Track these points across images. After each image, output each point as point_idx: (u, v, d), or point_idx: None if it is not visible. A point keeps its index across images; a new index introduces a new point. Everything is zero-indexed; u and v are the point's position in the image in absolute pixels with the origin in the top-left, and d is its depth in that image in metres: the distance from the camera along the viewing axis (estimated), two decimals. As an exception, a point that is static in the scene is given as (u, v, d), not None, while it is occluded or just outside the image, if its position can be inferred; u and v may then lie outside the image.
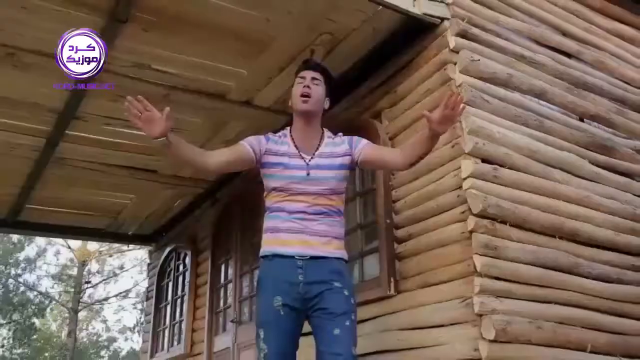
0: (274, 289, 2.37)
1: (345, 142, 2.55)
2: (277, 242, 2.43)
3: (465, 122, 2.86)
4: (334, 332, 2.28)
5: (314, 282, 2.36)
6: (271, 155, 2.48)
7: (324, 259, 2.41)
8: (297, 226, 2.41)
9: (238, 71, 3.65)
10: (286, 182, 2.45)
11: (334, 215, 2.48)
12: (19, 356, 22.29)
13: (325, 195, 2.46)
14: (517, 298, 2.69)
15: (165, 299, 6.45)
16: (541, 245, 2.88)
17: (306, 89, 2.47)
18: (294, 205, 2.43)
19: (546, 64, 3.41)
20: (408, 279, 3.06)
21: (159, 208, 6.10)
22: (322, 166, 2.47)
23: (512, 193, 2.87)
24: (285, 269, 2.38)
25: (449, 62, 3.03)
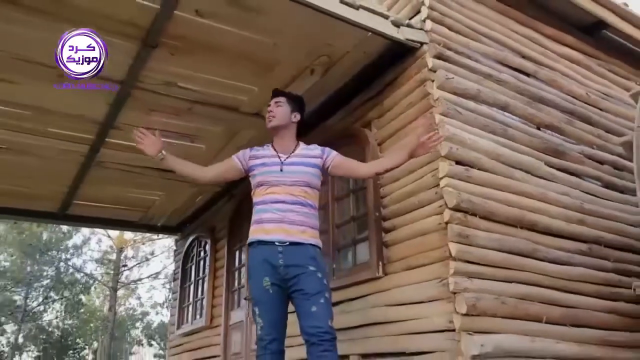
0: (262, 271, 2.40)
1: (318, 149, 2.65)
2: (260, 231, 2.46)
3: (442, 130, 2.82)
4: (311, 309, 2.32)
5: (292, 265, 2.38)
6: (254, 159, 2.60)
7: (301, 245, 2.42)
8: (277, 216, 2.44)
9: (250, 88, 3.60)
10: (265, 176, 2.52)
11: (309, 207, 2.50)
12: (69, 326, 22.36)
13: (300, 186, 2.49)
14: (485, 278, 2.67)
15: (189, 280, 6.39)
16: (505, 234, 2.85)
17: (270, 113, 2.62)
18: (274, 197, 2.47)
19: (509, 82, 3.37)
20: (394, 263, 3.02)
21: (183, 203, 6.04)
22: (295, 163, 2.54)
23: (481, 190, 2.85)
24: (268, 254, 2.41)
25: (427, 80, 3.00)
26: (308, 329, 2.30)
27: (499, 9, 3.64)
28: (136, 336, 25.30)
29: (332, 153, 2.62)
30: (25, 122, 3.88)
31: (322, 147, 2.66)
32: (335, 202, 3.68)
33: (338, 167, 2.61)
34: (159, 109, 3.78)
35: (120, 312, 23.20)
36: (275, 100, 2.65)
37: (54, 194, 5.32)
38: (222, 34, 3.03)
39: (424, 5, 3.18)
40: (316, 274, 2.38)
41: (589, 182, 3.55)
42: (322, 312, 2.31)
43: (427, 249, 2.78)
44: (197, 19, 2.89)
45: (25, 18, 2.78)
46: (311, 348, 2.29)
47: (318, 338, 2.27)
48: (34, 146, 4.23)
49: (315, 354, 2.27)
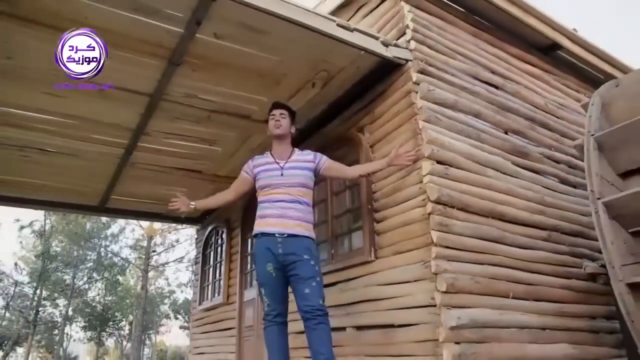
0: (265, 258, 2.43)
1: (311, 155, 2.68)
2: (264, 224, 2.49)
3: (425, 135, 2.77)
4: (305, 290, 2.35)
5: (289, 253, 2.41)
6: (258, 167, 2.63)
7: (297, 236, 2.44)
8: (278, 212, 2.47)
9: (259, 99, 3.53)
10: (268, 180, 2.55)
11: (305, 205, 2.53)
12: (109, 302, 22.34)
13: (296, 187, 2.52)
14: (462, 261, 2.62)
15: (209, 263, 6.32)
16: (479, 223, 2.80)
17: (277, 122, 2.64)
18: (276, 196, 2.50)
19: (481, 93, 3.31)
20: (384, 248, 2.95)
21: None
22: (293, 167, 2.57)
23: (459, 186, 2.79)
24: (270, 244, 2.43)
25: (412, 91, 2.93)
26: (303, 307, 2.36)
27: (472, 31, 3.58)
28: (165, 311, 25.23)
29: (322, 158, 2.70)
30: (72, 130, 3.82)
31: (314, 152, 2.69)
32: (334, 196, 3.61)
33: (328, 169, 2.69)
34: (182, 117, 3.71)
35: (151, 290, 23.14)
36: (280, 112, 2.67)
37: (95, 190, 5.27)
38: (236, 53, 2.96)
39: (409, 29, 3.12)
40: (309, 262, 2.42)
41: (548, 178, 3.51)
42: (313, 293, 2.35)
43: (412, 236, 2.72)
44: (215, 40, 2.83)
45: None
46: (307, 322, 2.35)
47: (311, 314, 2.32)
48: (79, 150, 4.18)
49: (310, 327, 2.33)
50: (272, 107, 2.72)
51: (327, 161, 2.70)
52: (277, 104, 2.75)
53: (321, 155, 2.70)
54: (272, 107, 2.73)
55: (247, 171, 2.67)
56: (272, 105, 2.75)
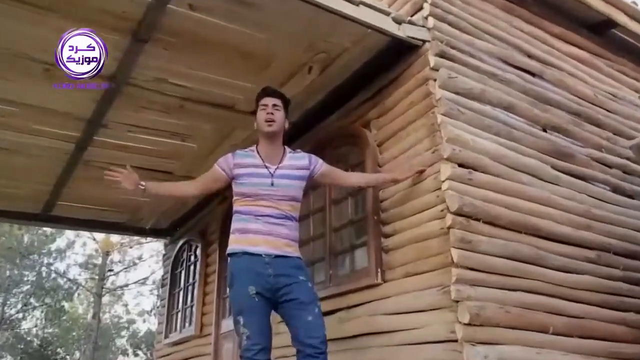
0: (247, 280, 2.42)
1: (305, 158, 2.70)
2: (245, 242, 2.50)
3: (444, 131, 2.84)
4: (307, 318, 2.37)
5: (281, 274, 2.44)
6: (239, 168, 2.59)
7: (286, 257, 2.49)
8: (264, 229, 2.49)
9: (244, 85, 3.61)
10: (253, 189, 2.53)
11: (293, 221, 2.57)
12: (50, 335, 22.18)
13: (286, 201, 2.55)
14: (488, 286, 2.68)
15: (179, 286, 6.39)
16: (509, 240, 2.86)
17: (270, 115, 2.60)
18: (261, 210, 2.51)
19: (514, 81, 3.39)
20: (393, 269, 3.03)
21: (173, 205, 6.03)
22: (285, 176, 2.57)
23: (485, 194, 2.86)
24: (255, 264, 2.45)
25: (429, 79, 3.01)
26: (305, 339, 2.34)
27: (504, 6, 3.65)
28: (121, 345, 25.15)
29: (318, 162, 2.73)
30: (8, 119, 3.88)
31: (308, 154, 2.72)
32: (333, 205, 3.69)
33: (324, 175, 2.75)
34: (149, 106, 3.79)
35: (105, 319, 23.08)
36: (273, 102, 2.64)
37: (36, 194, 5.30)
38: (217, 30, 3.04)
39: (427, 2, 3.20)
40: (307, 283, 2.47)
41: (596, 186, 3.57)
42: (317, 322, 2.38)
43: (428, 254, 2.79)
44: (190, 13, 2.90)
45: (12, 10, 2.79)
46: (305, 359, 2.33)
47: (315, 350, 2.32)
48: (17, 144, 4.22)
49: None
50: (262, 94, 2.68)
51: (324, 166, 2.74)
52: (269, 90, 2.71)
53: (317, 158, 2.74)
54: (261, 94, 2.68)
55: (224, 168, 2.61)
56: (261, 91, 2.71)
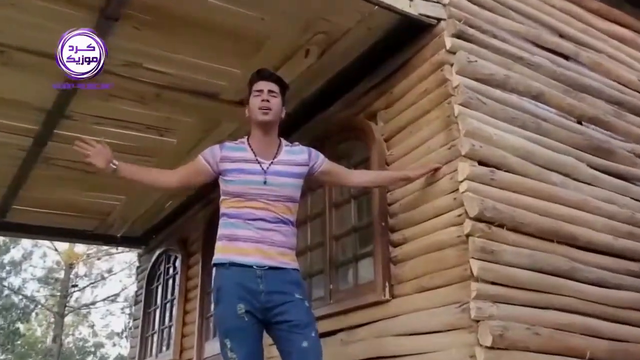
0: (236, 297, 2.41)
1: (304, 152, 2.68)
2: (234, 250, 2.48)
3: (462, 124, 2.86)
4: (302, 344, 2.37)
5: (275, 291, 2.43)
6: (227, 162, 2.57)
7: (281, 269, 2.48)
8: (256, 235, 2.47)
9: (232, 71, 3.64)
10: (243, 187, 2.52)
11: (290, 225, 2.56)
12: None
13: (282, 202, 2.54)
14: (514, 303, 2.69)
15: (155, 303, 6.42)
16: (538, 250, 2.88)
17: (265, 103, 2.57)
18: (252, 212, 2.49)
19: (543, 66, 3.42)
20: (403, 284, 3.06)
21: (149, 209, 6.06)
22: (281, 173, 2.56)
23: (509, 196, 2.88)
24: (245, 278, 2.43)
25: (445, 63, 3.04)
26: None
27: (532, -23, 3.68)
28: (87, 373, 25.17)
29: (319, 158, 2.72)
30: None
31: (308, 148, 2.72)
32: (333, 209, 3.74)
33: (326, 173, 2.75)
34: (121, 95, 3.82)
35: (68, 343, 23.10)
36: (270, 88, 2.61)
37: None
38: (199, 5, 3.07)
39: (442, -26, 3.23)
40: (304, 303, 2.46)
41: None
42: (314, 349, 2.39)
43: (443, 266, 2.81)
44: (168, -14, 2.95)
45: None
46: None
47: None
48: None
49: None
50: (257, 78, 2.66)
51: (325, 163, 2.74)
52: (264, 73, 2.69)
53: (317, 153, 2.73)
54: (255, 78, 2.67)
55: (209, 160, 2.61)
56: (255, 74, 2.69)
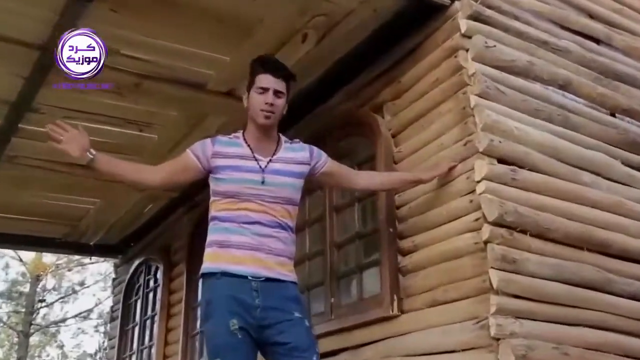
0: (229, 311, 2.39)
1: (305, 150, 2.70)
2: (227, 258, 2.48)
3: (480, 117, 2.86)
4: None
5: (272, 307, 2.42)
6: (220, 158, 2.56)
7: (280, 282, 2.48)
8: (252, 242, 2.47)
9: (219, 58, 3.66)
10: (238, 187, 2.52)
11: (289, 231, 2.57)
12: (-46, 388, 22.08)
13: (281, 204, 2.55)
14: (539, 319, 2.70)
15: (133, 320, 6.42)
16: (566, 259, 2.89)
17: (268, 106, 2.55)
18: (248, 215, 2.49)
19: (571, 51, 3.43)
20: (414, 297, 3.06)
21: (126, 214, 6.07)
22: (280, 171, 2.57)
23: (533, 198, 2.88)
24: (238, 290, 2.42)
25: (460, 49, 3.04)
26: None
27: (558, -49, 3.68)
28: (57, 400, 25.18)
29: (322, 156, 2.74)
30: None
31: (309, 146, 2.74)
32: (334, 214, 3.74)
33: (329, 174, 2.77)
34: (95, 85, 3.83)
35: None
36: (277, 88, 2.57)
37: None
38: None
39: (457, -52, 3.23)
40: (304, 322, 2.46)
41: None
42: None
43: (459, 278, 2.82)
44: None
45: None
46: None
47: None
48: None
49: None
50: (262, 70, 2.59)
51: (328, 162, 2.77)
52: (273, 66, 2.63)
53: (320, 151, 2.76)
54: (260, 69, 2.60)
55: (198, 155, 2.59)
56: (261, 63, 2.64)
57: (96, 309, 21.61)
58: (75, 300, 22.10)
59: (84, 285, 21.51)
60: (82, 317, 21.91)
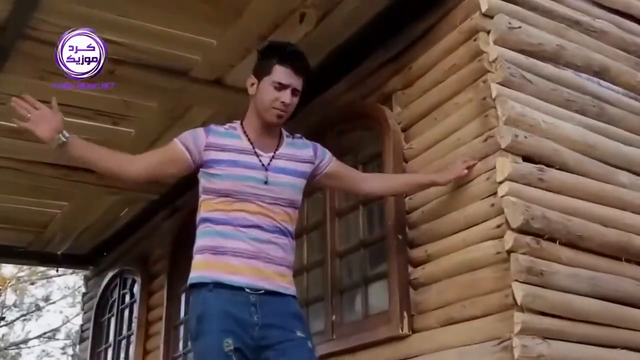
0: (223, 329, 2.38)
1: (309, 147, 2.73)
2: (221, 267, 2.47)
3: (502, 109, 2.86)
4: None
5: (272, 325, 2.43)
6: (215, 150, 2.56)
7: (280, 295, 2.50)
8: (250, 248, 2.48)
9: (205, 41, 3.69)
10: (236, 184, 2.52)
11: (289, 238, 2.59)
12: None
13: (282, 206, 2.57)
14: (570, 340, 2.71)
15: (106, 341, 6.43)
16: (602, 270, 2.90)
17: (283, 106, 2.57)
18: (246, 218, 2.50)
19: (608, 32, 3.44)
20: (426, 314, 3.09)
21: (99, 219, 6.08)
22: (284, 170, 2.60)
23: (563, 201, 2.89)
24: (234, 304, 2.43)
25: (480, 30, 3.05)
26: None
27: None
28: None
29: (326, 156, 2.77)
30: None
31: (312, 143, 2.77)
32: (336, 219, 3.77)
33: (332, 176, 2.81)
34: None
35: (-7, 394, 23.14)
36: (295, 87, 2.60)
37: None
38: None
39: None
40: (306, 343, 2.48)
41: None
42: None
43: (478, 292, 2.83)
44: None
45: None
46: None
47: None
48: None
49: None
50: (282, 60, 2.59)
51: (333, 162, 2.80)
52: (296, 62, 2.62)
53: (324, 150, 2.80)
54: (280, 58, 2.60)
55: (189, 146, 2.57)
56: (279, 50, 2.64)
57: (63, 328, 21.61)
58: (39, 318, 22.10)
59: (49, 301, 21.49)
60: (47, 338, 21.90)
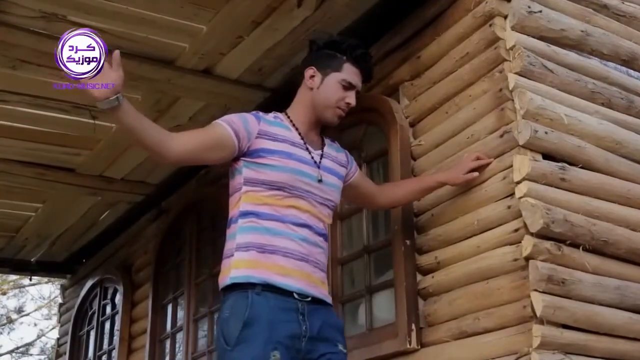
0: (271, 339, 2.33)
1: (343, 152, 2.85)
2: (271, 268, 2.43)
3: (521, 102, 2.85)
4: None
5: (319, 338, 2.43)
6: (267, 139, 2.56)
7: (324, 304, 2.52)
8: (301, 249, 2.48)
9: (194, 27, 3.69)
10: (291, 178, 2.52)
11: (327, 243, 2.63)
12: None
13: (329, 208, 2.63)
14: (595, 356, 2.70)
15: (85, 356, 6.43)
16: (629, 279, 2.90)
17: (347, 107, 2.66)
18: (297, 216, 2.50)
19: (638, 17, 3.44)
20: (436, 327, 3.09)
21: (77, 223, 6.08)
22: (331, 170, 2.67)
23: (587, 203, 2.88)
24: (285, 312, 2.39)
25: (496, 15, 3.04)
26: None
27: None
28: None
29: (354, 164, 2.88)
30: None
31: (344, 150, 2.88)
32: (338, 222, 3.78)
33: (354, 188, 2.88)
34: (35, 61, 3.86)
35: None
36: (359, 88, 2.73)
37: None
38: None
39: None
40: (346, 357, 2.51)
41: None
42: None
43: (493, 303, 2.83)
44: None
45: None
46: None
47: None
48: None
49: None
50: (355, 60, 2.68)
51: (358, 173, 2.93)
52: (365, 57, 2.75)
53: (352, 157, 2.93)
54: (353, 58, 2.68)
55: (238, 132, 2.51)
56: (353, 49, 2.70)
57: (38, 342, 21.63)
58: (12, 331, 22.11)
59: (22, 312, 21.52)
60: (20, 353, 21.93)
